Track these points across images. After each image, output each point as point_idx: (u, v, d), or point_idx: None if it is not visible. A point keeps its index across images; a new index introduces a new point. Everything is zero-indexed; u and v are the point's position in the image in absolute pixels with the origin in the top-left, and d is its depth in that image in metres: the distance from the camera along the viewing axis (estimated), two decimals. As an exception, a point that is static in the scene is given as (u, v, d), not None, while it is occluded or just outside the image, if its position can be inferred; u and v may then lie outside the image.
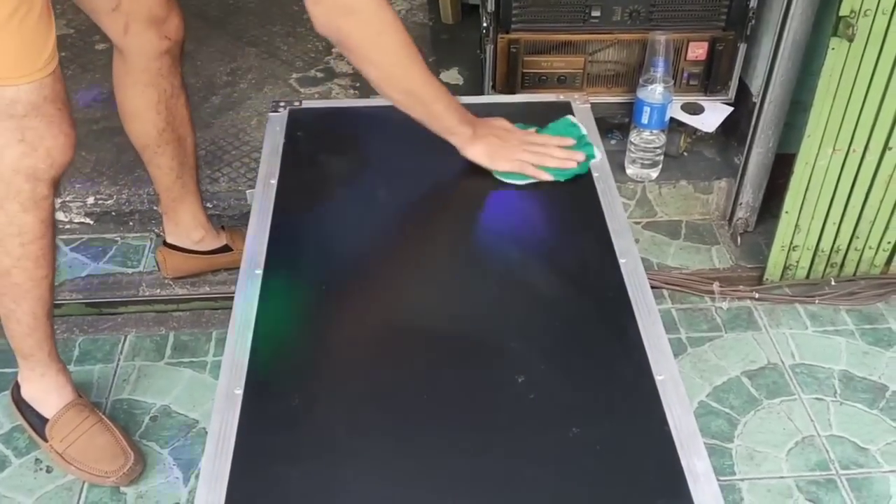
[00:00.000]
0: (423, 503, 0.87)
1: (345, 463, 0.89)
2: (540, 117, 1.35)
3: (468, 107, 1.26)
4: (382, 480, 0.88)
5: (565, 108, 1.42)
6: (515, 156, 1.26)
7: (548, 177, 1.26)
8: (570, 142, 1.31)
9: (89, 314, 1.75)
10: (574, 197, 1.26)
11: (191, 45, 2.45)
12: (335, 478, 0.88)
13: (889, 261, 1.82)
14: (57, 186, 1.27)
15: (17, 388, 1.48)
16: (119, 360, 1.66)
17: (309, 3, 1.12)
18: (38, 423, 1.45)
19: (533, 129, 1.33)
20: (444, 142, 1.24)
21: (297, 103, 1.45)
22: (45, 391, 1.45)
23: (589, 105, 1.44)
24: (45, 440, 1.44)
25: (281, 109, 1.43)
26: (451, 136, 1.24)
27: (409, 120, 1.21)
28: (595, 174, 1.29)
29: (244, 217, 1.92)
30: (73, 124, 1.24)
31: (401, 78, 1.19)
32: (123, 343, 1.69)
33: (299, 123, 1.19)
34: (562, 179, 1.26)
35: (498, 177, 1.27)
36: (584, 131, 1.33)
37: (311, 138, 1.36)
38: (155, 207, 1.89)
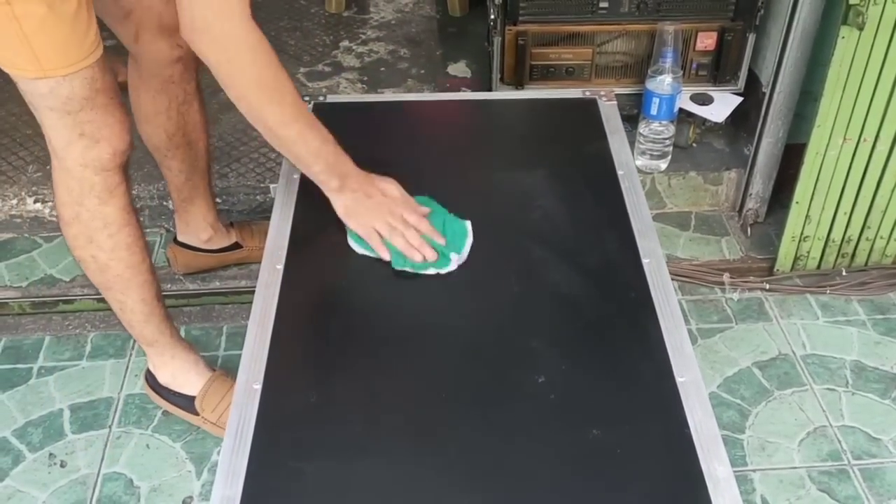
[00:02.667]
0: (439, 501, 0.87)
1: (362, 460, 0.90)
2: (563, 116, 1.33)
3: (501, 103, 1.22)
4: (399, 478, 0.88)
5: (591, 106, 1.41)
6: (370, 219, 1.16)
7: (386, 255, 1.14)
8: (439, 239, 1.16)
9: (101, 310, 1.76)
10: (599, 196, 1.25)
11: (198, 41, 2.45)
12: (352, 474, 0.88)
13: (900, 250, 1.81)
14: (126, 173, 1.29)
15: (151, 377, 1.51)
16: (131, 355, 1.67)
17: (178, 7, 1.05)
18: (184, 402, 1.50)
19: (423, 208, 1.20)
20: (472, 139, 1.23)
21: (321, 98, 1.44)
22: (183, 371, 1.49)
23: (615, 102, 1.43)
24: (197, 415, 1.49)
25: (306, 103, 1.43)
26: (319, 184, 1.18)
27: (436, 116, 1.20)
28: (620, 172, 1.27)
29: (253, 212, 1.93)
30: (125, 110, 1.25)
31: (254, 112, 1.11)
32: (135, 340, 1.69)
33: (324, 118, 1.18)
34: (396, 266, 1.13)
35: (349, 237, 1.17)
36: (467, 240, 1.17)
37: (337, 133, 1.36)
38: (165, 203, 1.89)
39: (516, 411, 0.94)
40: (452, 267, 1.13)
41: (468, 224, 1.19)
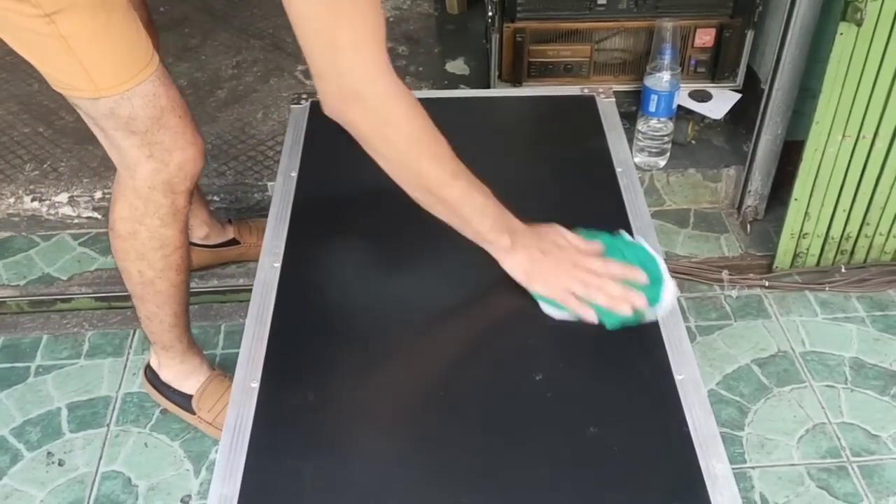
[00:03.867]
0: (437, 500, 0.87)
1: (359, 458, 0.89)
2: (563, 113, 1.32)
3: (498, 100, 1.18)
4: (397, 477, 0.88)
5: (589, 103, 1.41)
6: (559, 280, 1.02)
7: (592, 317, 1.01)
8: (638, 276, 1.04)
9: (99, 308, 1.75)
10: (597, 193, 1.24)
11: (196, 39, 2.46)
12: (350, 472, 0.88)
13: (899, 247, 1.81)
14: (192, 195, 1.27)
15: (152, 373, 1.51)
16: (129, 353, 1.66)
17: (316, 79, 0.94)
18: (183, 400, 1.50)
19: (598, 244, 1.07)
20: (469, 137, 1.20)
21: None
22: (186, 374, 1.50)
23: (613, 99, 1.42)
24: (193, 413, 1.49)
25: (303, 102, 1.42)
26: (484, 245, 1.03)
27: (437, 114, 1.17)
28: (618, 169, 1.26)
29: (251, 210, 1.92)
30: (197, 131, 1.22)
31: (413, 176, 0.99)
32: (133, 337, 1.69)
33: (321, 116, 1.17)
34: (608, 326, 1.00)
35: (536, 298, 1.03)
36: (661, 268, 1.06)
37: (334, 131, 1.35)
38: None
39: (514, 409, 0.94)
40: (668, 301, 1.02)
41: (643, 242, 1.09)
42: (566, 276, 1.03)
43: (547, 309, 1.02)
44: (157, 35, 1.52)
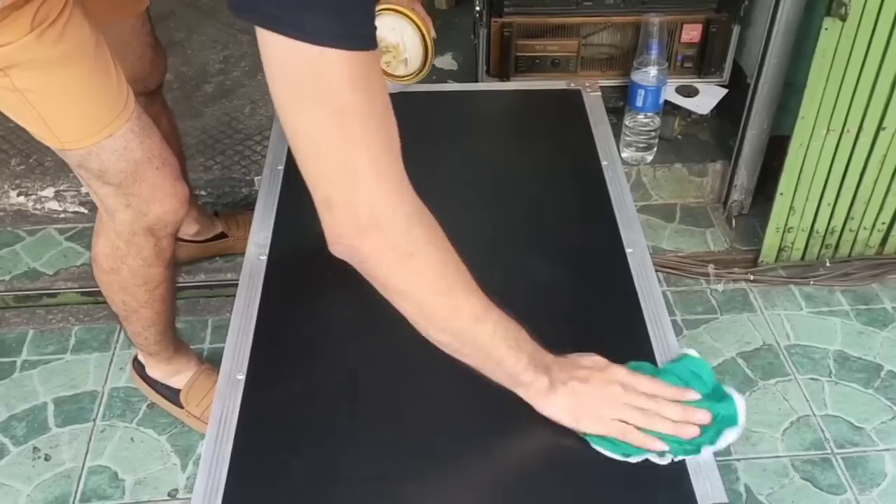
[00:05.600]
0: (422, 492, 0.87)
1: (345, 451, 0.89)
2: (549, 107, 1.31)
3: (484, 94, 1.15)
4: (383, 469, 0.88)
5: (575, 97, 1.41)
6: (610, 413, 0.87)
7: (662, 446, 0.86)
8: (693, 395, 0.89)
9: (85, 303, 1.75)
10: (582, 187, 1.24)
11: (182, 34, 2.44)
12: (336, 465, 0.88)
13: (884, 241, 1.82)
14: (176, 235, 1.25)
15: (139, 366, 1.51)
16: (115, 348, 1.66)
17: (323, 211, 0.80)
18: (171, 394, 1.49)
19: (641, 372, 0.91)
20: (456, 130, 1.15)
21: None
22: (173, 372, 1.49)
23: (600, 93, 1.42)
24: (182, 408, 1.48)
25: None
26: (518, 388, 0.88)
27: (425, 105, 1.15)
28: (604, 163, 1.26)
29: (238, 204, 1.92)
30: (179, 178, 1.18)
31: (445, 313, 0.84)
32: (119, 332, 1.69)
33: None
34: (676, 456, 0.86)
35: (589, 441, 0.88)
36: (716, 379, 0.91)
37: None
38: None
39: (501, 401, 0.94)
40: (742, 420, 0.88)
41: (692, 353, 0.94)
42: (616, 406, 0.87)
43: (607, 453, 0.87)
44: (165, 57, 1.50)
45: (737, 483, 1.42)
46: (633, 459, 0.86)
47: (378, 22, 1.16)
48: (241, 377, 0.96)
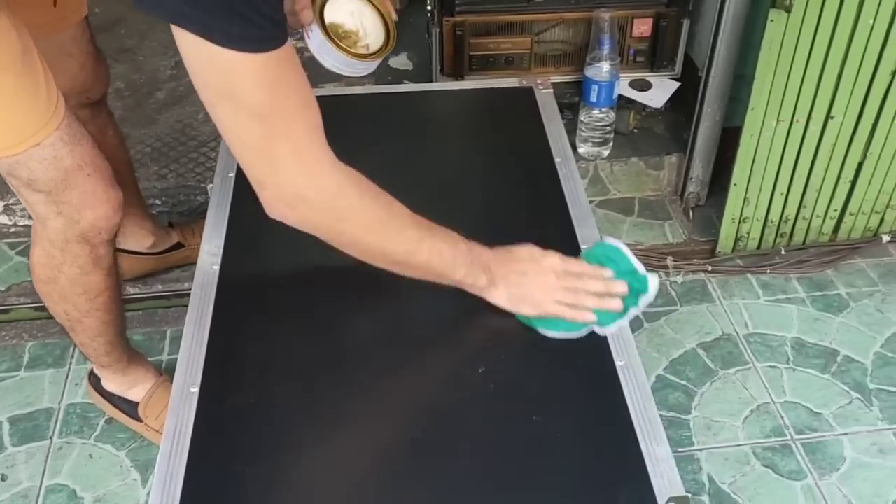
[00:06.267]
0: (381, 498, 0.86)
1: (302, 461, 0.88)
2: (502, 105, 1.31)
3: (438, 94, 1.16)
4: (340, 475, 0.88)
5: (528, 95, 1.41)
6: (545, 295, 0.99)
7: (592, 317, 0.99)
8: (609, 272, 1.03)
9: (38, 318, 1.71)
10: (537, 184, 1.24)
11: (133, 41, 2.41)
12: (293, 475, 0.87)
13: (836, 228, 1.85)
14: (114, 242, 1.22)
15: (96, 380, 1.48)
16: (71, 363, 1.63)
17: (255, 186, 0.89)
18: (129, 408, 1.47)
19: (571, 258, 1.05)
20: (405, 132, 1.16)
21: None
22: (130, 384, 1.46)
23: (552, 90, 1.43)
24: (140, 421, 1.45)
25: None
26: (464, 287, 1.00)
27: (379, 109, 1.14)
28: (557, 160, 1.26)
29: (195, 212, 1.89)
30: (111, 184, 1.16)
31: (378, 257, 0.95)
32: (75, 346, 1.65)
33: None
34: (604, 325, 1.00)
35: (531, 324, 1.01)
36: (633, 261, 1.03)
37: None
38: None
39: (458, 402, 0.94)
40: (652, 288, 1.00)
41: (612, 241, 1.06)
42: (551, 289, 1.00)
43: (545, 332, 1.00)
44: (107, 67, 1.47)
45: (700, 473, 1.43)
46: (574, 334, 0.99)
47: (336, 7, 1.15)
48: (195, 390, 0.95)
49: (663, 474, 0.86)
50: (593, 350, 0.99)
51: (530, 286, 1.00)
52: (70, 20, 1.33)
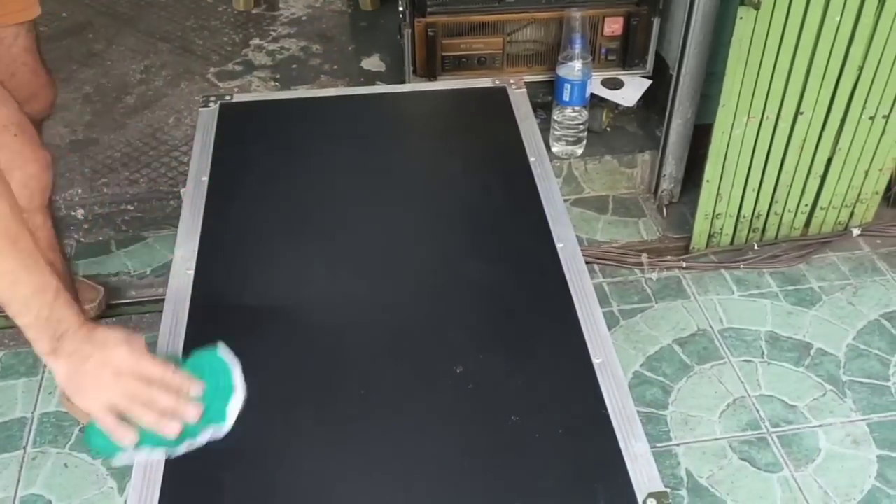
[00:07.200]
0: (361, 499, 0.86)
1: (279, 465, 0.88)
2: (476, 105, 1.31)
3: (410, 96, 1.14)
4: (319, 480, 0.87)
5: (501, 94, 1.41)
6: (99, 392, 0.85)
7: (130, 438, 0.85)
8: (197, 389, 0.89)
9: (9, 327, 1.68)
10: (511, 183, 1.24)
11: (100, 45, 2.38)
12: (269, 481, 0.86)
13: (807, 223, 1.88)
14: (51, 209, 1.18)
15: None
16: (44, 372, 1.60)
17: None
18: None
19: (170, 364, 0.90)
20: (379, 134, 1.15)
21: (228, 97, 1.41)
22: None
23: (525, 90, 1.43)
24: None
25: (211, 104, 1.39)
26: (32, 343, 0.85)
27: (344, 113, 1.13)
28: (532, 159, 1.27)
29: (167, 218, 1.88)
30: (40, 145, 1.14)
31: None
32: (48, 355, 1.63)
33: (231, 118, 1.11)
34: (153, 447, 0.86)
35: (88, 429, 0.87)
36: (234, 377, 0.91)
37: (244, 133, 1.31)
38: (73, 213, 1.82)
39: (436, 403, 0.94)
40: (228, 421, 0.87)
41: (222, 352, 0.93)
42: (104, 387, 0.84)
43: (94, 441, 0.85)
44: (53, 91, 1.41)
45: (678, 468, 1.44)
46: (114, 460, 0.85)
47: None
48: (171, 396, 0.93)
49: (642, 470, 0.86)
50: (571, 348, 0.99)
51: (88, 377, 0.84)
52: (5, 19, 1.28)
